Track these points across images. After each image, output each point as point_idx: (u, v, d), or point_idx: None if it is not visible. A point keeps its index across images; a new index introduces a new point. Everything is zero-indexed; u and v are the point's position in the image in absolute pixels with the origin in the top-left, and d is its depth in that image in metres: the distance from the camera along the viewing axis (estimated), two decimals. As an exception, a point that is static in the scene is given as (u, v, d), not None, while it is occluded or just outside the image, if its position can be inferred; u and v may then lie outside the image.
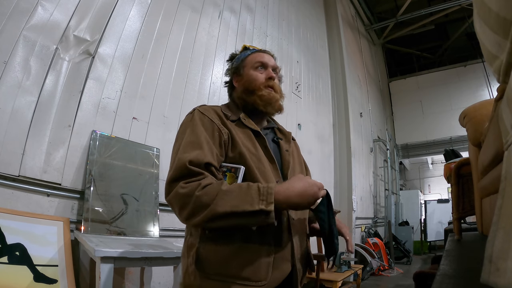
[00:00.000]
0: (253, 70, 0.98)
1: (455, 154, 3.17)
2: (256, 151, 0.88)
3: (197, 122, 0.86)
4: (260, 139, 0.92)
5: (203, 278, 0.78)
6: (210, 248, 0.80)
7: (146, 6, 2.48)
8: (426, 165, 10.90)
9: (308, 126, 4.56)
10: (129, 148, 2.11)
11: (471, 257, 1.03)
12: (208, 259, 0.79)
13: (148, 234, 1.99)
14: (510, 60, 0.47)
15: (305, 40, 5.08)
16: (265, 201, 0.72)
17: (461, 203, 1.59)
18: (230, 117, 0.92)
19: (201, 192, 0.72)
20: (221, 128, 0.87)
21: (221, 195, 0.72)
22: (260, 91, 0.95)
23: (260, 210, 0.70)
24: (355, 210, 4.94)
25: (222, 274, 0.78)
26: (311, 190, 0.76)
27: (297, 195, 0.75)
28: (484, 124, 1.04)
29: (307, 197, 0.76)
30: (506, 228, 0.39)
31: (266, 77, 0.98)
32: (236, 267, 0.77)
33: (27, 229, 1.50)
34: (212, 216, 0.71)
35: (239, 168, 0.82)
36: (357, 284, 3.92)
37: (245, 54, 1.03)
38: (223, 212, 0.71)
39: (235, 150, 0.85)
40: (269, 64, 1.00)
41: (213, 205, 0.71)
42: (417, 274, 1.97)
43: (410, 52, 10.38)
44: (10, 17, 1.66)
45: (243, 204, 0.71)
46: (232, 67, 1.05)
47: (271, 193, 0.73)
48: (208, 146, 0.81)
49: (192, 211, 0.73)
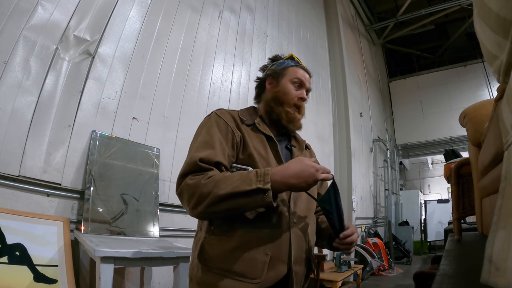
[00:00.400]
0: (290, 84, 1.01)
1: (455, 154, 3.17)
2: (266, 155, 0.92)
3: (212, 124, 0.91)
4: (272, 143, 0.95)
5: (204, 271, 0.84)
6: (213, 242, 0.85)
7: (146, 6, 2.48)
8: (426, 165, 10.90)
9: (308, 126, 4.56)
10: (129, 148, 2.11)
11: (471, 257, 1.03)
12: (209, 253, 0.84)
13: (148, 234, 1.99)
14: (510, 60, 0.47)
15: (305, 40, 5.08)
16: (262, 181, 0.76)
17: (461, 203, 1.59)
18: (246, 121, 0.96)
19: (206, 180, 0.78)
20: (235, 131, 0.91)
21: (223, 179, 0.78)
22: (288, 107, 0.99)
23: (257, 188, 0.75)
24: (355, 210, 4.94)
25: (221, 268, 0.82)
26: (307, 171, 0.79)
27: (293, 175, 0.78)
28: (484, 124, 1.04)
29: (304, 177, 0.78)
30: (506, 228, 0.39)
31: (299, 97, 1.01)
32: (234, 263, 0.81)
33: (27, 229, 1.50)
34: (215, 199, 0.76)
35: (247, 169, 0.86)
36: (357, 284, 3.92)
37: (289, 64, 1.04)
38: (224, 194, 0.75)
39: (245, 152, 0.89)
40: (306, 85, 1.03)
41: (216, 188, 0.76)
42: (417, 274, 1.97)
43: (410, 52, 10.38)
44: (10, 17, 1.66)
45: (242, 185, 0.76)
46: (271, 69, 1.06)
47: (267, 174, 0.77)
48: (220, 146, 0.86)
49: (198, 199, 0.78)
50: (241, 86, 3.34)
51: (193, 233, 2.43)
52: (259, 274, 0.81)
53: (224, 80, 3.16)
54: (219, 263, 0.82)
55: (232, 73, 3.28)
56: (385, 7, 8.92)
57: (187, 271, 1.62)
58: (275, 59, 1.09)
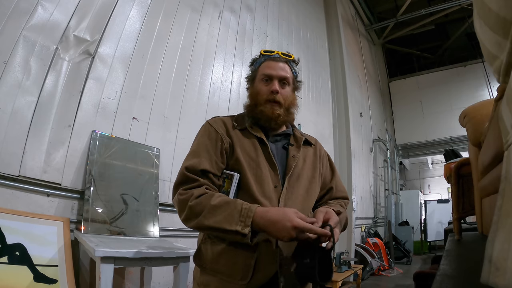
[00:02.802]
0: (259, 82, 0.98)
1: (455, 154, 3.17)
2: (257, 157, 0.93)
3: (203, 133, 0.96)
4: (265, 145, 0.96)
5: (202, 272, 0.90)
6: (207, 245, 0.90)
7: (146, 6, 2.48)
8: (426, 165, 10.90)
9: (308, 126, 4.55)
10: (129, 148, 2.11)
11: (471, 257, 1.03)
12: (205, 255, 0.90)
13: (148, 234, 1.99)
14: (510, 60, 0.47)
15: (305, 40, 5.08)
16: (243, 223, 0.77)
17: (461, 203, 1.59)
18: (237, 126, 0.97)
19: (193, 202, 0.82)
20: (224, 138, 0.93)
21: (209, 209, 0.81)
22: (261, 106, 0.95)
23: (235, 230, 0.77)
24: (355, 210, 4.94)
25: (214, 269, 0.87)
26: (281, 223, 0.75)
27: (270, 222, 0.77)
28: (484, 124, 1.04)
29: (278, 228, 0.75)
30: (506, 228, 0.39)
31: (270, 91, 0.95)
32: (223, 265, 0.86)
33: (27, 229, 1.50)
34: (200, 226, 0.83)
35: (234, 175, 0.89)
36: (357, 284, 3.92)
37: (259, 62, 1.02)
38: (208, 225, 0.81)
39: (233, 158, 0.92)
40: (274, 76, 0.96)
41: (201, 217, 0.81)
42: (417, 274, 1.98)
43: (410, 52, 10.38)
44: (10, 17, 1.66)
45: (224, 222, 0.79)
46: (248, 75, 1.06)
47: (250, 216, 0.78)
48: (207, 154, 0.90)
49: (186, 216, 0.84)
50: (241, 86, 3.34)
51: (193, 233, 2.44)
52: (245, 276, 0.84)
53: (224, 80, 3.16)
54: (211, 264, 0.88)
55: (232, 73, 3.28)
56: (385, 7, 8.92)
57: (187, 271, 1.62)
58: (251, 64, 1.07)
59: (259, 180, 0.89)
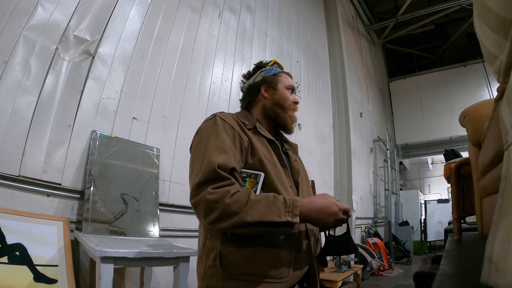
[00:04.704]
0: (285, 90, 1.07)
1: (455, 154, 3.17)
2: (272, 158, 0.93)
3: (220, 128, 0.89)
4: (274, 146, 0.97)
5: (226, 278, 0.81)
6: (232, 250, 0.82)
7: (146, 6, 2.48)
8: (426, 165, 10.90)
9: (308, 126, 4.56)
10: (129, 148, 2.11)
11: (471, 257, 1.03)
12: (231, 260, 0.81)
13: (148, 234, 1.99)
14: (510, 60, 0.47)
15: (305, 40, 5.08)
16: (291, 213, 0.77)
17: (461, 203, 1.59)
18: (247, 125, 0.97)
19: (230, 200, 0.76)
20: (242, 135, 0.91)
21: (251, 204, 0.76)
22: (290, 111, 1.06)
23: (287, 221, 0.76)
24: (355, 210, 4.94)
25: (246, 274, 0.81)
26: (331, 208, 0.81)
27: (318, 209, 0.80)
28: (484, 124, 1.04)
29: (328, 214, 0.81)
30: (506, 228, 0.39)
31: (293, 101, 1.07)
32: (260, 267, 0.81)
33: (27, 229, 1.50)
34: (241, 224, 0.75)
35: (259, 175, 0.86)
36: (357, 284, 3.92)
37: (277, 70, 1.10)
38: (252, 221, 0.75)
39: (255, 157, 0.89)
40: (295, 90, 1.11)
41: (243, 213, 0.75)
42: (417, 274, 1.98)
43: (410, 52, 10.39)
44: (10, 17, 1.66)
45: (271, 214, 0.76)
46: (261, 75, 1.08)
47: (296, 206, 0.78)
48: (232, 151, 0.85)
49: (219, 216, 0.76)
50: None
51: (193, 233, 2.43)
52: (286, 273, 0.82)
53: (224, 80, 3.16)
54: (244, 269, 0.80)
55: (232, 73, 3.28)
56: (385, 7, 8.92)
57: (187, 271, 1.62)
58: (261, 66, 1.11)
59: (280, 180, 0.89)
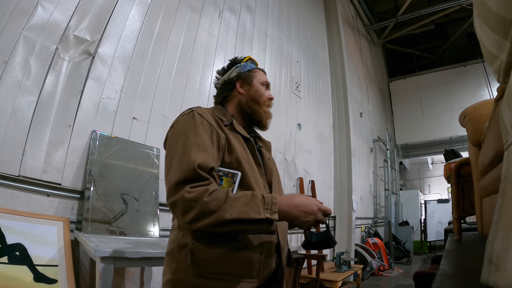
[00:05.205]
0: (260, 85, 1.07)
1: (455, 154, 3.17)
2: (248, 157, 0.92)
3: (198, 124, 0.87)
4: (249, 145, 0.96)
5: (197, 276, 0.80)
6: (204, 249, 0.82)
7: (146, 6, 2.48)
8: (426, 165, 10.90)
9: (308, 126, 4.55)
10: (129, 148, 2.11)
11: (471, 257, 1.03)
12: (202, 259, 0.81)
13: (148, 234, 1.99)
14: (510, 60, 0.47)
15: (305, 40, 5.08)
16: (269, 210, 0.76)
17: (461, 203, 1.59)
18: (224, 121, 0.95)
19: (208, 198, 0.75)
20: (219, 132, 0.89)
21: (229, 202, 0.76)
22: (265, 107, 1.06)
23: (266, 218, 0.75)
24: (355, 210, 4.94)
25: (218, 273, 0.81)
26: (310, 207, 0.80)
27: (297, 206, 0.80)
28: (484, 124, 1.04)
29: (306, 212, 0.80)
30: (506, 228, 0.39)
31: (268, 97, 1.08)
32: (231, 266, 0.82)
33: (27, 229, 1.50)
34: (219, 221, 0.74)
35: (236, 174, 0.86)
36: (357, 284, 3.92)
37: (252, 67, 1.11)
38: (231, 218, 0.74)
39: (232, 155, 0.88)
40: (269, 87, 1.12)
41: (221, 211, 0.74)
42: (417, 274, 1.98)
43: (410, 52, 10.38)
44: (10, 17, 1.66)
45: (250, 212, 0.75)
46: (237, 71, 1.08)
47: (275, 203, 0.77)
48: (210, 150, 0.84)
49: (198, 215, 0.75)
50: (241, 86, 3.34)
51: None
52: (256, 273, 0.84)
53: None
54: (215, 267, 0.81)
55: (232, 73, 3.27)
56: (385, 7, 8.92)
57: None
58: (235, 62, 1.12)
59: (255, 180, 0.90)
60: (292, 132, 4.12)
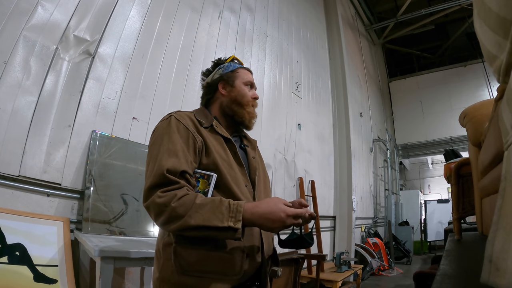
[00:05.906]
0: (243, 85, 1.07)
1: (455, 154, 3.17)
2: (227, 157, 0.94)
3: (173, 129, 0.90)
4: (230, 145, 0.98)
5: (180, 274, 0.83)
6: (186, 248, 0.85)
7: (146, 6, 2.48)
8: (426, 165, 10.90)
9: (308, 126, 4.56)
10: (129, 148, 2.11)
11: (471, 257, 1.03)
12: (185, 257, 0.84)
13: (148, 234, 1.99)
14: (510, 60, 0.47)
15: (305, 40, 5.08)
16: (233, 218, 0.77)
17: (461, 203, 1.59)
18: (204, 124, 0.97)
19: (176, 203, 0.77)
20: (196, 136, 0.91)
21: (195, 208, 0.77)
22: (248, 107, 1.05)
23: (228, 226, 0.76)
24: (355, 210, 4.94)
25: (200, 271, 0.83)
26: (276, 214, 0.78)
27: (262, 215, 0.79)
28: (484, 124, 1.04)
29: (272, 220, 0.78)
30: (506, 228, 0.39)
31: (253, 97, 1.08)
32: (213, 264, 0.84)
33: (27, 229, 1.50)
34: (185, 227, 0.77)
35: (212, 176, 0.87)
36: (357, 284, 3.92)
37: (235, 66, 1.11)
38: (195, 225, 0.76)
39: (209, 158, 0.90)
40: (254, 86, 1.12)
41: (187, 217, 0.77)
42: (417, 274, 1.98)
43: (410, 52, 10.38)
44: (10, 17, 1.66)
45: (214, 219, 0.76)
46: (219, 73, 1.09)
47: (240, 211, 0.78)
48: (183, 154, 0.86)
49: (167, 219, 0.78)
50: (241, 86, 3.34)
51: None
52: (238, 270, 0.85)
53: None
54: (197, 266, 0.83)
55: (232, 73, 3.27)
56: (385, 7, 8.92)
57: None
58: (219, 63, 1.13)
59: (234, 180, 0.90)
60: (292, 132, 4.12)
